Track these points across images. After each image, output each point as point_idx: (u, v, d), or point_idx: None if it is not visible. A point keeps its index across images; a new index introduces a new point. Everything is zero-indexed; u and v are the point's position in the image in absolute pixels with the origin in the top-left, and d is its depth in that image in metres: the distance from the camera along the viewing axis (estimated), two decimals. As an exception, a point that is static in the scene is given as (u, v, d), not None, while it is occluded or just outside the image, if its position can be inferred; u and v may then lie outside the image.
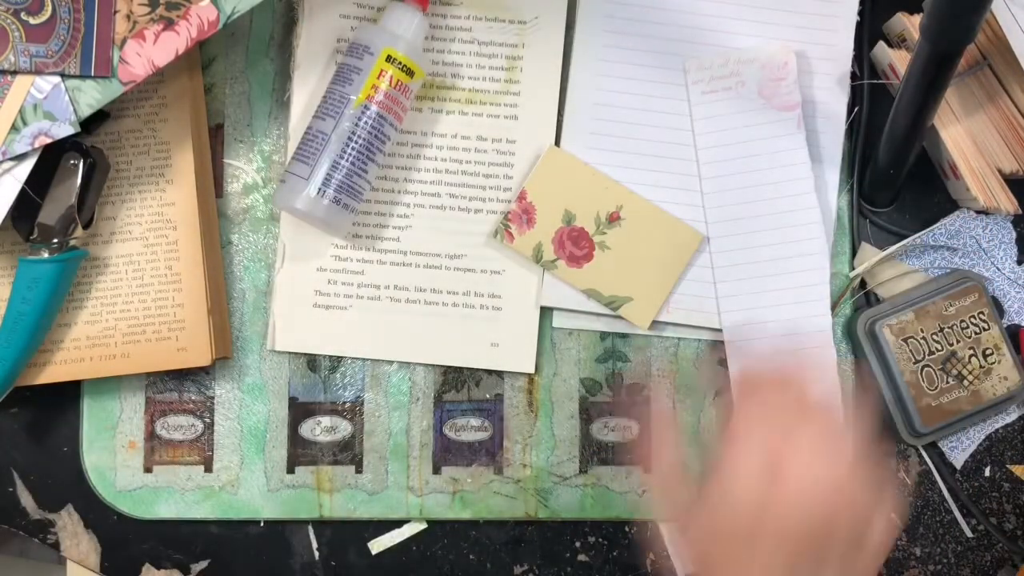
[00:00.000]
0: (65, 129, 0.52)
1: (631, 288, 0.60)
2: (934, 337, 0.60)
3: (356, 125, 0.55)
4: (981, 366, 0.60)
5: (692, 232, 0.60)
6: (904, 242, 0.61)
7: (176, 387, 0.61)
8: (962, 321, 0.60)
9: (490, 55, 0.61)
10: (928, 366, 0.60)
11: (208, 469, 0.60)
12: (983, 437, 0.63)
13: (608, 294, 0.60)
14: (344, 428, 0.61)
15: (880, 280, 0.62)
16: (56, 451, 0.61)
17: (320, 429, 0.61)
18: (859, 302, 0.62)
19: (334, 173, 0.55)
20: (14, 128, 0.51)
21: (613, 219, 0.60)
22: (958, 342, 0.60)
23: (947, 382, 0.60)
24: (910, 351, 0.60)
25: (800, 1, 0.61)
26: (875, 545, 0.43)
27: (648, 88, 0.61)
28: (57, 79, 0.51)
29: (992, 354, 0.60)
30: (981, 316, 0.60)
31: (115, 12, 0.51)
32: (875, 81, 0.63)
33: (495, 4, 0.61)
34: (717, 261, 0.60)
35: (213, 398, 0.61)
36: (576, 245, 0.60)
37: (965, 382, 0.60)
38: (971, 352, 0.60)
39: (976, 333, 0.60)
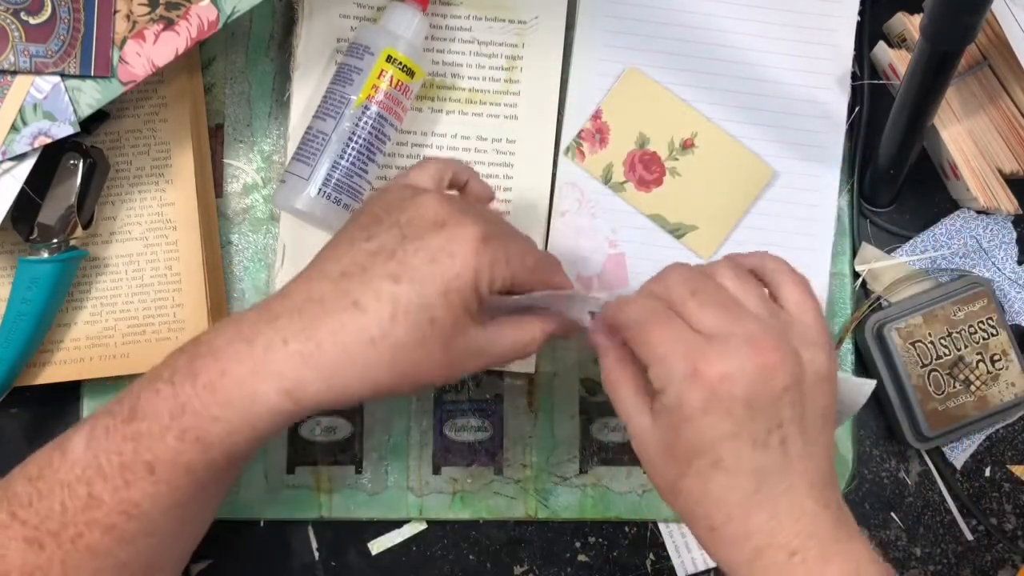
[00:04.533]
0: (65, 129, 0.52)
1: (697, 217, 0.60)
2: (942, 342, 0.60)
3: (356, 125, 0.55)
4: (988, 372, 0.60)
5: (764, 167, 0.60)
6: (908, 249, 0.61)
7: (176, 387, 0.61)
8: (970, 326, 0.60)
9: (490, 55, 0.61)
10: (935, 370, 0.60)
11: (208, 469, 0.60)
12: (983, 437, 0.62)
13: (674, 221, 0.60)
14: (344, 428, 0.61)
15: (886, 284, 0.62)
16: (56, 451, 0.61)
17: (320, 429, 0.61)
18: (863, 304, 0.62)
19: (334, 173, 0.55)
20: (14, 128, 0.51)
21: (687, 146, 0.60)
22: (966, 347, 0.60)
23: (954, 387, 0.60)
24: (917, 355, 0.60)
25: (800, 1, 0.61)
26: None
27: (648, 88, 0.61)
28: (57, 79, 0.51)
29: (1000, 360, 0.60)
30: (989, 322, 0.60)
31: (115, 12, 0.51)
32: (875, 81, 0.63)
33: (495, 4, 0.61)
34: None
35: (213, 398, 0.60)
36: (647, 169, 0.60)
37: (972, 387, 0.60)
38: (979, 357, 0.60)
39: (984, 339, 0.60)
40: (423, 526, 0.61)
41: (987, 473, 0.63)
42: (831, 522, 0.43)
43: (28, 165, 0.52)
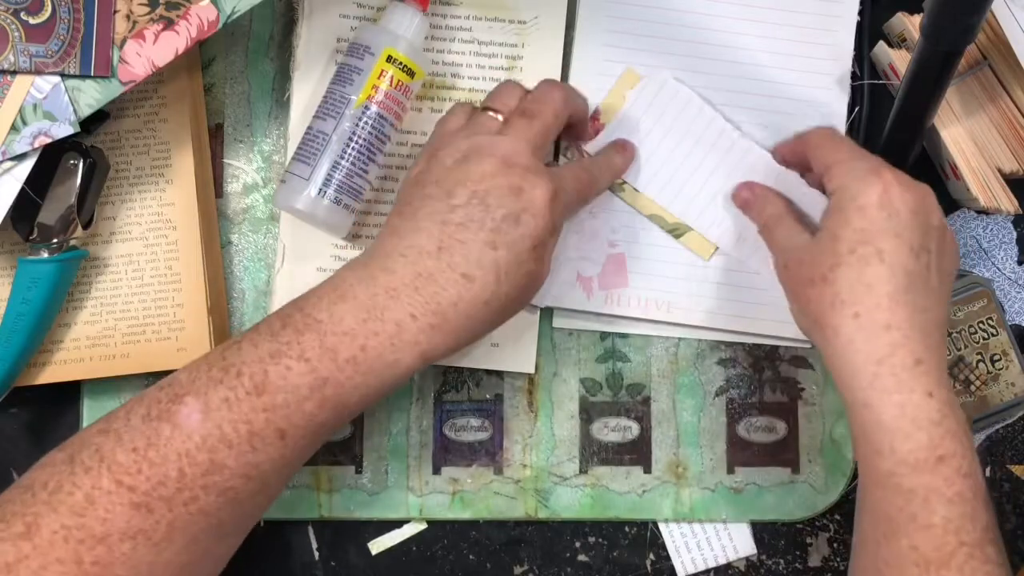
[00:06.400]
0: (65, 129, 0.52)
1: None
2: None
3: (357, 125, 0.55)
4: (988, 372, 0.60)
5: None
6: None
7: (176, 387, 0.61)
8: (970, 326, 0.60)
9: (490, 55, 0.61)
10: None
11: (208, 469, 0.60)
12: (983, 437, 0.63)
13: (672, 221, 0.60)
14: (344, 428, 0.61)
15: None
16: (56, 451, 0.61)
17: (320, 429, 0.61)
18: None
19: (334, 173, 0.55)
20: (14, 128, 0.51)
21: None
22: (966, 347, 0.60)
23: (954, 387, 0.60)
24: (917, 354, 0.60)
25: (800, 1, 0.61)
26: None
27: (648, 88, 0.61)
28: (57, 79, 0.51)
29: (1000, 360, 0.60)
30: (989, 322, 0.60)
31: (115, 12, 0.51)
32: (875, 81, 0.63)
33: (495, 4, 0.61)
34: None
35: (213, 398, 0.60)
36: None
37: (972, 387, 0.60)
38: (979, 357, 0.60)
39: (984, 339, 0.60)
40: (423, 526, 0.61)
41: (987, 473, 0.63)
42: (944, 358, 0.49)
43: (28, 165, 0.52)
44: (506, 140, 0.51)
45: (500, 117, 0.53)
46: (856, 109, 0.62)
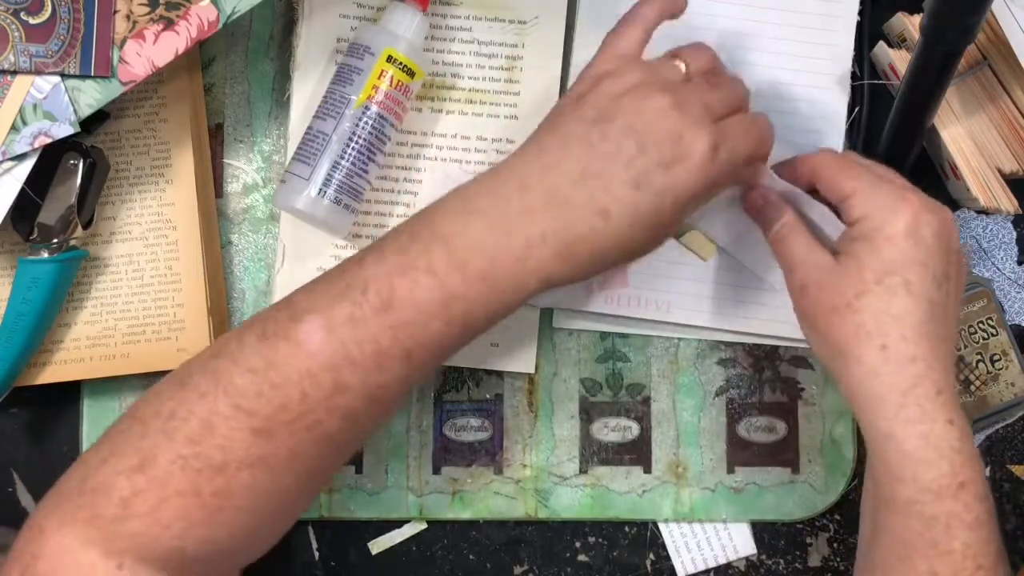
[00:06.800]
0: (65, 129, 0.52)
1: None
2: None
3: (357, 125, 0.55)
4: (988, 372, 0.60)
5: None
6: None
7: (176, 387, 0.61)
8: (970, 326, 0.60)
9: (490, 55, 0.61)
10: None
11: (208, 469, 0.60)
12: (983, 437, 0.63)
13: None
14: (344, 428, 0.61)
15: None
16: (56, 451, 0.61)
17: (320, 429, 0.61)
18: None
19: (335, 173, 0.55)
20: (14, 128, 0.51)
21: None
22: (966, 347, 0.60)
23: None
24: (916, 354, 0.60)
25: (800, 1, 0.61)
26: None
27: (648, 88, 0.61)
28: (57, 79, 0.51)
29: (1000, 360, 0.60)
30: (989, 322, 0.60)
31: (115, 12, 0.51)
32: (875, 81, 0.63)
33: (495, 4, 0.61)
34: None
35: (213, 398, 0.60)
36: None
37: (972, 387, 0.60)
38: (979, 357, 0.60)
39: (984, 339, 0.60)
40: (423, 526, 0.61)
41: (987, 473, 0.63)
42: (955, 381, 0.50)
43: (28, 165, 0.52)
44: (682, 87, 0.48)
45: (684, 67, 0.50)
46: (856, 109, 0.62)
